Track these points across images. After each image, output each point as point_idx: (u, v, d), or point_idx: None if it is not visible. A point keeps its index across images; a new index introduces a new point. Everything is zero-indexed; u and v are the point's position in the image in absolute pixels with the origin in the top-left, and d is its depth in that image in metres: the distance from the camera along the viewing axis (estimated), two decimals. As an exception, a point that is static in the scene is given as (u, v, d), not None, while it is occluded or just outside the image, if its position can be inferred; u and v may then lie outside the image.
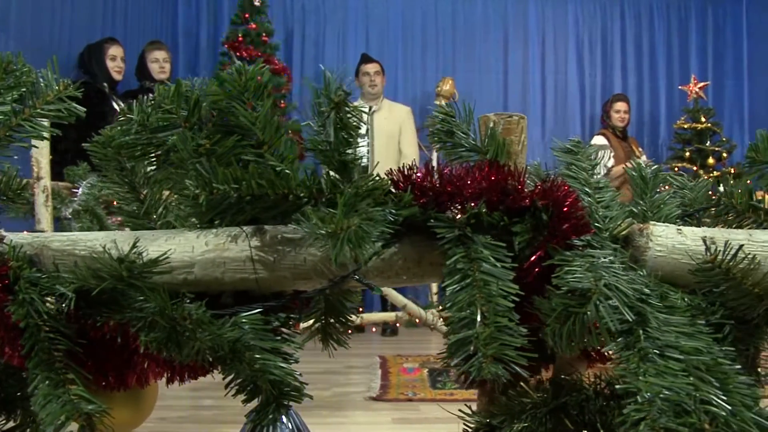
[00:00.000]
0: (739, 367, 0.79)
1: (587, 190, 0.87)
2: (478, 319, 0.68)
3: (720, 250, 0.81)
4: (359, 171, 0.78)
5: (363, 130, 5.43)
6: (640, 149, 5.64)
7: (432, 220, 0.78)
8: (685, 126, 5.59)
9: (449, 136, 0.85)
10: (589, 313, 0.69)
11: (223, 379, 0.79)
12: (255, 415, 0.81)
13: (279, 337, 0.81)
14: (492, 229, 0.78)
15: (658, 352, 0.73)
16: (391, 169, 0.83)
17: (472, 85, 6.21)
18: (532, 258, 0.76)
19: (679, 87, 5.92)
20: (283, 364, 0.78)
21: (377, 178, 0.81)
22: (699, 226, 0.97)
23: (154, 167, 0.84)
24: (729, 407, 0.70)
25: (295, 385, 0.82)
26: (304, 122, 0.76)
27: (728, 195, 0.94)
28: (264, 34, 5.29)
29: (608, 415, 0.80)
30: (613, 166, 5.40)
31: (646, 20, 6.32)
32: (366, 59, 5.45)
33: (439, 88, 5.91)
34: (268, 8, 5.51)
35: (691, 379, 0.70)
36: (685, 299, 0.87)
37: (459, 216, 0.75)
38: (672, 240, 0.88)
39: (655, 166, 0.96)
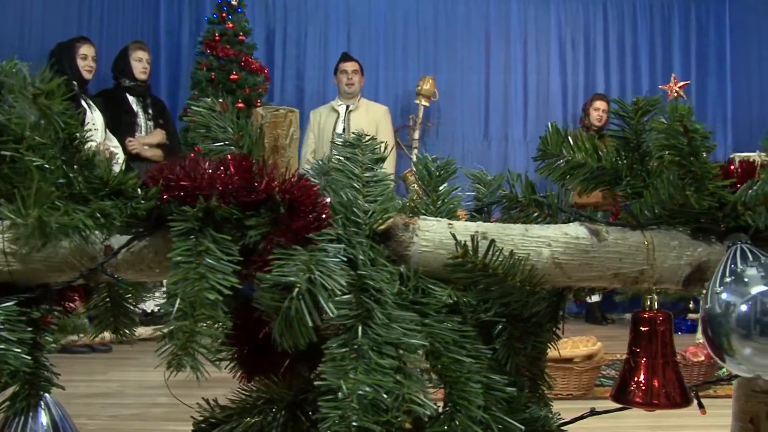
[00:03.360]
0: (478, 366, 0.78)
1: (355, 184, 0.87)
2: (173, 311, 0.68)
3: (468, 245, 0.80)
4: (104, 164, 0.79)
5: (340, 129, 5.45)
6: (618, 149, 5.58)
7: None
8: (665, 126, 5.52)
9: (207, 130, 0.85)
10: (293, 308, 0.69)
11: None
12: (5, 405, 0.82)
13: (31, 329, 0.82)
14: (227, 223, 0.78)
15: (376, 349, 0.72)
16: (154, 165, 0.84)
17: (454, 85, 6.19)
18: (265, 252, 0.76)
19: (660, 86, 5.85)
20: (25, 355, 0.79)
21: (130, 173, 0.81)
22: (488, 221, 0.96)
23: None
24: (434, 406, 0.69)
25: (46, 376, 0.83)
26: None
27: (513, 190, 0.93)
28: (241, 34, 5.31)
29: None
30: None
31: (629, 19, 6.26)
32: (345, 58, 5.46)
33: (419, 88, 5.90)
34: (246, 7, 5.53)
35: (399, 377, 0.70)
36: (454, 296, 0.85)
37: (187, 209, 0.76)
38: (440, 235, 0.87)
39: (445, 160, 0.96)
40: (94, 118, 4.45)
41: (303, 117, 6.03)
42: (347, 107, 5.37)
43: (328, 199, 0.83)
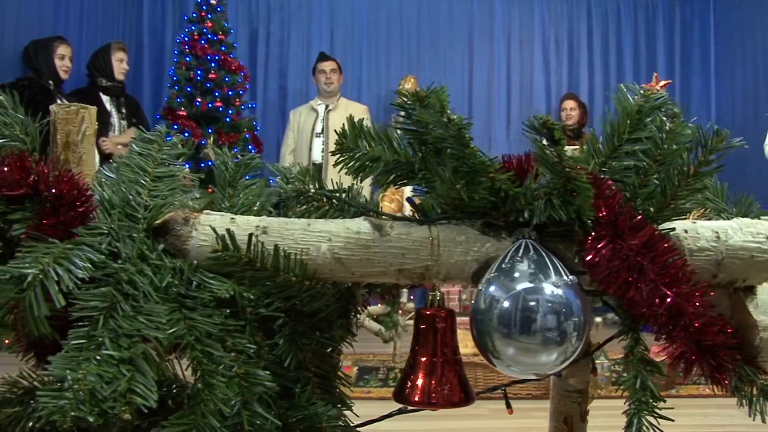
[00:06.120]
0: (233, 360, 0.79)
1: (141, 180, 0.89)
2: None
3: (226, 239, 0.82)
4: None
5: (319, 129, 5.47)
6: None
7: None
8: (646, 125, 5.47)
9: (-6, 126, 0.87)
10: (26, 298, 0.71)
11: None
12: None
13: None
14: (-3, 217, 0.80)
15: (115, 341, 0.74)
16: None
17: (437, 84, 6.16)
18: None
19: (642, 85, 5.80)
20: None
21: None
22: (288, 216, 0.97)
23: None
24: (155, 398, 0.71)
25: None
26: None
27: (306, 185, 0.95)
28: (220, 33, 5.35)
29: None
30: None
31: (613, 18, 6.23)
32: (322, 57, 5.48)
33: (401, 87, 5.91)
34: (227, 7, 5.56)
35: (126, 368, 0.71)
36: (231, 290, 0.86)
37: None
38: (220, 230, 0.88)
39: (246, 156, 0.97)
40: (73, 118, 4.50)
41: (285, 116, 6.07)
42: (326, 106, 5.40)
43: (105, 194, 0.85)
